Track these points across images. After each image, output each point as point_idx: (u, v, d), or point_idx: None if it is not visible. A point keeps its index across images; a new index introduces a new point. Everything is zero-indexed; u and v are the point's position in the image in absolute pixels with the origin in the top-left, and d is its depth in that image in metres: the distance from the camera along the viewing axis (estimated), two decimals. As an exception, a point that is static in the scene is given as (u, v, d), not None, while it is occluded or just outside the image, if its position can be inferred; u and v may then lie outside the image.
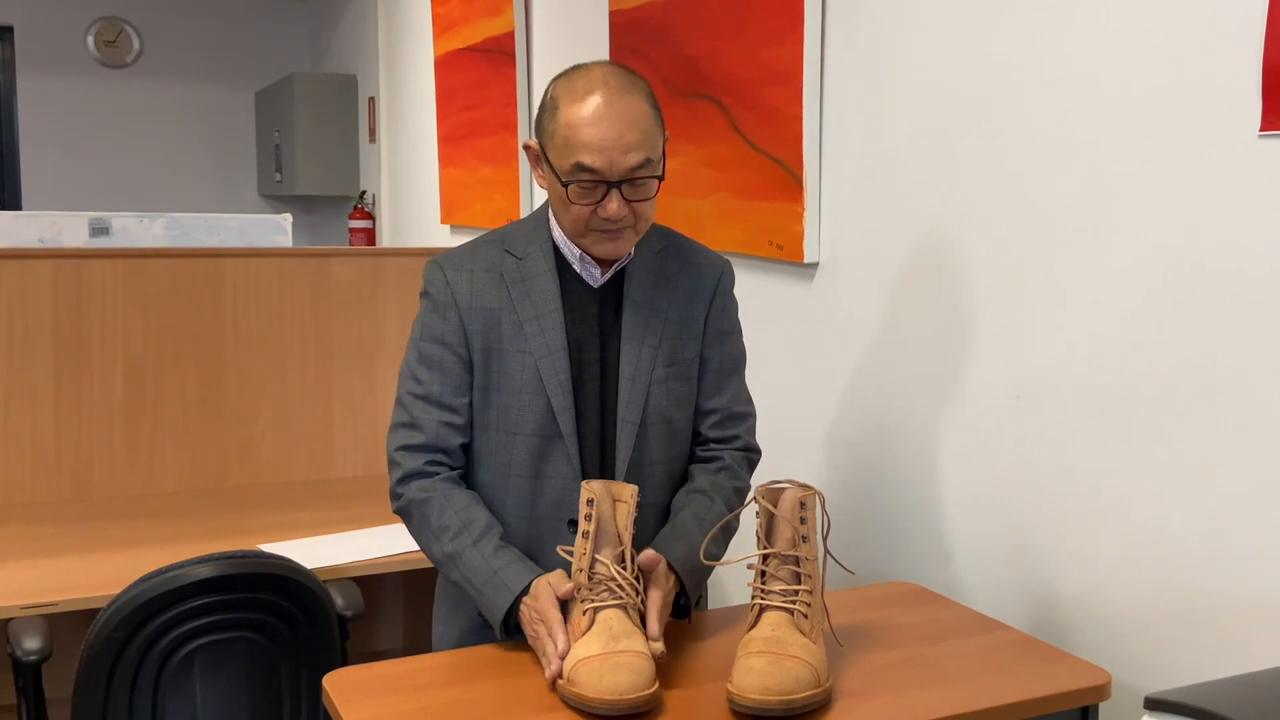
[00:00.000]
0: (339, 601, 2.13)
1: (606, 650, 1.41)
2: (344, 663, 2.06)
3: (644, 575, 1.56)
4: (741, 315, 2.07)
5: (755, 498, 1.54)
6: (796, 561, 1.50)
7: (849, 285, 2.25)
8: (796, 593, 1.48)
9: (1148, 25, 1.63)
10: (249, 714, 2.02)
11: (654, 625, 1.52)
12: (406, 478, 1.68)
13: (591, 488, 1.54)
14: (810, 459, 2.38)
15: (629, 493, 1.55)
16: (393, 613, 2.78)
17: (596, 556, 1.51)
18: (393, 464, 1.71)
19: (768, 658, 1.40)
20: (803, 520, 1.50)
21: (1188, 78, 1.58)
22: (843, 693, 1.48)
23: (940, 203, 2.02)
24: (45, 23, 6.38)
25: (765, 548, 1.51)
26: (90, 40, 6.47)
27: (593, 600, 1.48)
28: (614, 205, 1.57)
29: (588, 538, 1.52)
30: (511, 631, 1.59)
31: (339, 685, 1.48)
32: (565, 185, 1.58)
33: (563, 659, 1.46)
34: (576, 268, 1.70)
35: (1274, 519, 1.49)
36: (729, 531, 1.73)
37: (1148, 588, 1.66)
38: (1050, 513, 1.82)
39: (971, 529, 1.98)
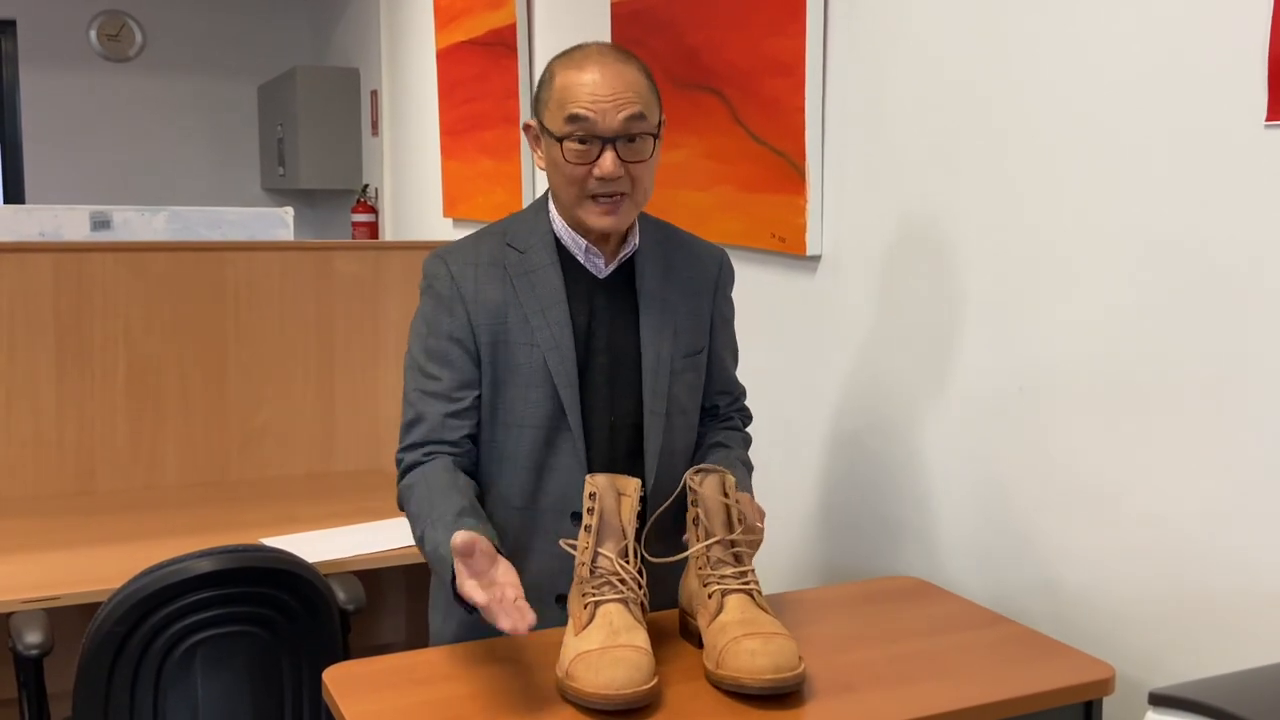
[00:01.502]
0: (340, 595, 2.13)
1: (605, 645, 1.41)
2: (345, 656, 2.06)
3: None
4: (743, 308, 2.06)
5: (687, 485, 1.59)
6: (733, 543, 1.55)
7: (851, 278, 2.24)
8: (745, 574, 1.53)
9: (1151, 15, 1.62)
10: (250, 708, 2.01)
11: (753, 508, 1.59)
12: (406, 470, 1.69)
13: (595, 481, 1.53)
14: (811, 452, 2.37)
15: (633, 486, 1.55)
16: (394, 606, 2.78)
17: (599, 550, 1.51)
18: (397, 463, 1.71)
19: (759, 639, 1.42)
20: (736, 501, 1.56)
21: (1192, 67, 1.57)
22: (845, 686, 1.47)
23: (943, 195, 2.01)
24: (48, 16, 6.38)
25: (708, 534, 1.55)
26: (93, 34, 6.47)
27: (594, 595, 1.48)
28: (608, 162, 1.57)
29: (590, 531, 1.52)
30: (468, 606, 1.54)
31: (339, 679, 1.48)
32: (560, 141, 1.58)
33: (503, 589, 1.39)
34: (580, 259, 1.70)
35: (1279, 512, 1.48)
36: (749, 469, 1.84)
37: (1152, 582, 1.65)
38: (1054, 506, 1.81)
39: (974, 522, 1.97)
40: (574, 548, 1.55)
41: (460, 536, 1.38)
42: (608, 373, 1.70)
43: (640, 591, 1.52)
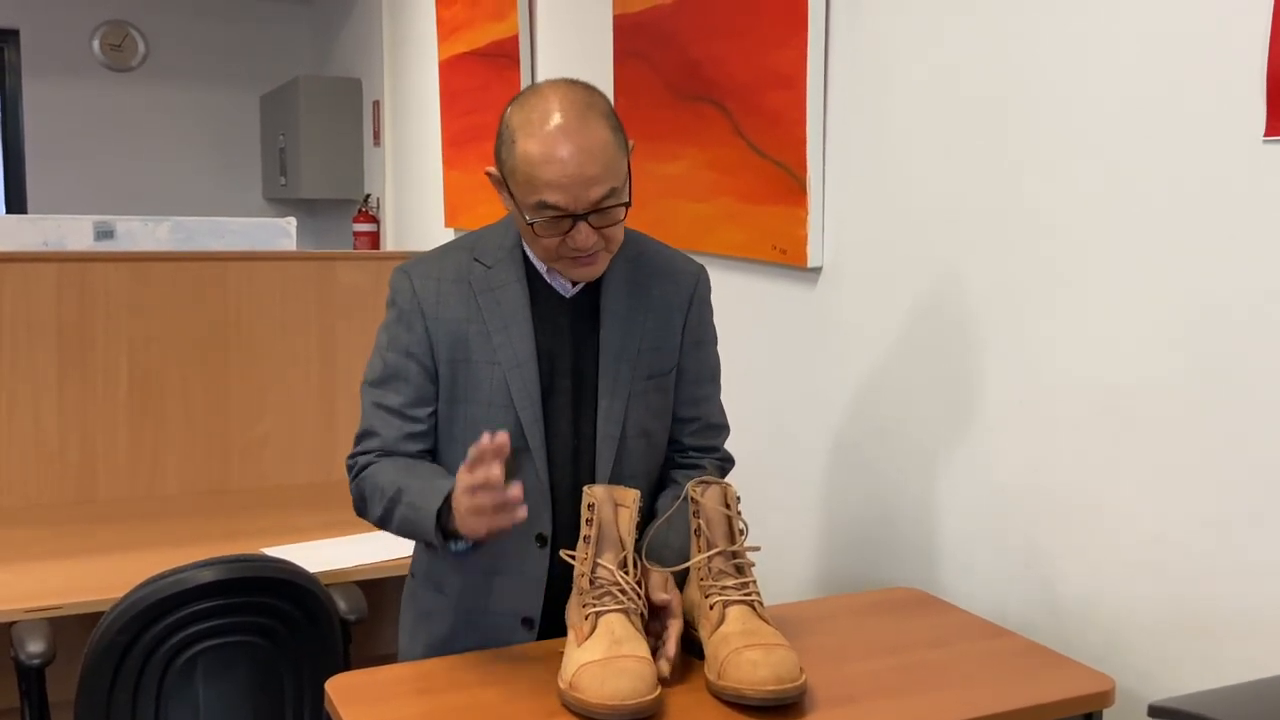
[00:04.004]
0: (342, 605, 2.13)
1: (609, 655, 1.41)
2: (347, 666, 2.06)
3: (660, 610, 1.57)
4: (744, 319, 2.06)
5: (691, 497, 1.58)
6: (734, 554, 1.55)
7: (852, 290, 2.25)
8: (746, 585, 1.54)
9: (1152, 30, 1.63)
10: (252, 718, 2.01)
11: (672, 650, 1.52)
12: (359, 471, 1.68)
13: (594, 492, 1.54)
14: (812, 463, 2.38)
15: (631, 497, 1.55)
16: (395, 616, 2.77)
17: (598, 561, 1.51)
18: (348, 469, 1.70)
19: (760, 650, 1.43)
20: (739, 513, 1.56)
21: (1192, 83, 1.57)
22: (845, 698, 1.48)
23: (944, 207, 2.01)
24: (51, 26, 6.40)
25: (709, 545, 1.55)
26: (96, 43, 6.48)
27: (595, 605, 1.48)
28: (582, 237, 1.53)
29: (589, 542, 1.52)
30: (451, 537, 1.52)
31: (341, 690, 1.48)
32: (530, 223, 1.53)
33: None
34: (547, 277, 1.66)
35: (1279, 527, 1.49)
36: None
37: (1152, 595, 1.66)
38: (1054, 519, 1.81)
39: (975, 535, 1.97)
40: (574, 559, 1.55)
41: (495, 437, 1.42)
42: (571, 394, 1.66)
43: (640, 602, 1.52)
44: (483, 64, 4.08)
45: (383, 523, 1.65)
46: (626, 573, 1.51)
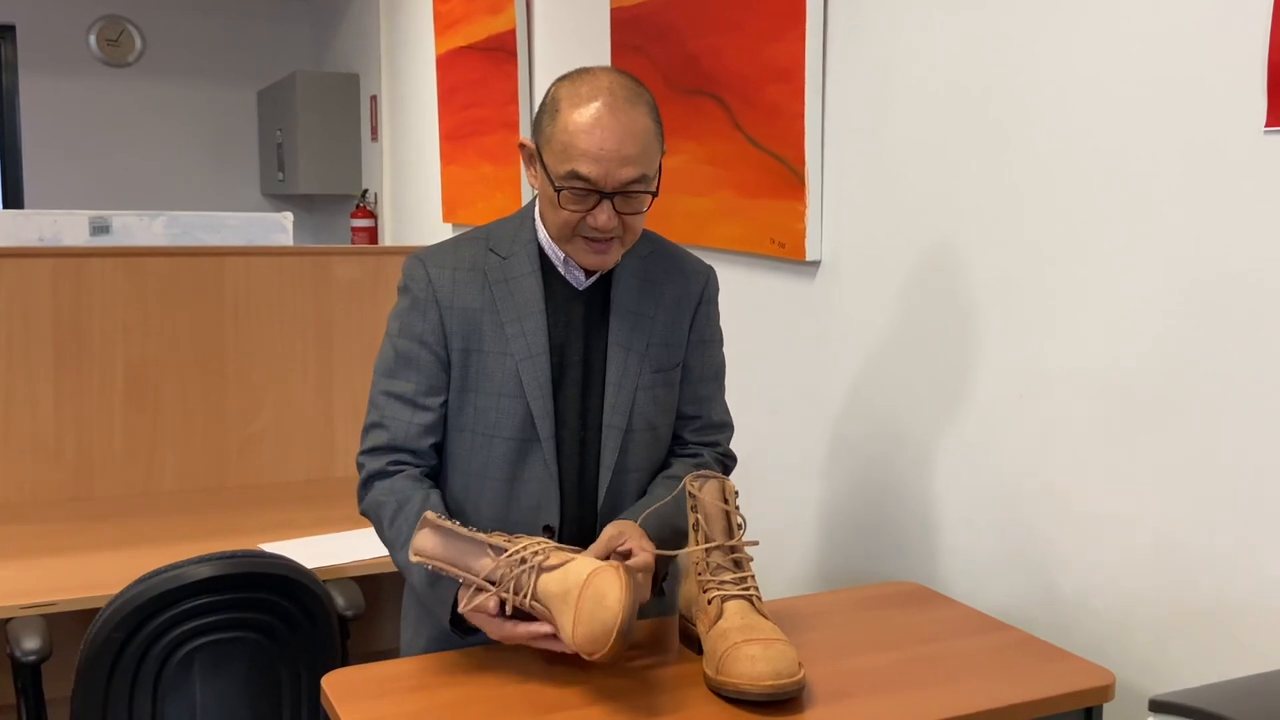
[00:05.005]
0: (339, 601, 2.13)
1: (575, 606, 1.39)
2: (344, 662, 2.06)
3: (618, 543, 1.57)
4: (743, 313, 2.05)
5: (689, 492, 1.57)
6: (732, 549, 1.54)
7: (851, 283, 2.24)
8: (744, 579, 1.53)
9: (1151, 21, 1.62)
10: (249, 714, 2.01)
11: (647, 556, 1.54)
12: (369, 479, 1.67)
13: (416, 547, 1.51)
14: (811, 458, 2.37)
15: (434, 498, 1.57)
16: (393, 612, 2.76)
17: (481, 576, 1.47)
18: (359, 467, 1.69)
19: (759, 645, 1.43)
20: (737, 507, 1.56)
21: (1191, 74, 1.57)
22: (844, 693, 1.47)
23: (943, 200, 2.01)
24: (47, 21, 6.38)
25: (707, 539, 1.54)
26: (92, 39, 6.47)
27: (515, 595, 1.45)
28: (604, 216, 1.55)
29: (469, 585, 1.49)
30: (469, 633, 1.56)
31: (338, 686, 1.48)
32: (558, 191, 1.56)
33: (556, 635, 1.45)
34: (561, 270, 1.67)
35: (1278, 520, 1.48)
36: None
37: (1152, 589, 1.65)
38: (1054, 513, 1.81)
39: (974, 529, 1.97)
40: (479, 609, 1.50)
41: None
42: (580, 385, 1.67)
43: (533, 539, 1.49)
44: (480, 58, 4.07)
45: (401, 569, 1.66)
46: (507, 546, 1.48)
